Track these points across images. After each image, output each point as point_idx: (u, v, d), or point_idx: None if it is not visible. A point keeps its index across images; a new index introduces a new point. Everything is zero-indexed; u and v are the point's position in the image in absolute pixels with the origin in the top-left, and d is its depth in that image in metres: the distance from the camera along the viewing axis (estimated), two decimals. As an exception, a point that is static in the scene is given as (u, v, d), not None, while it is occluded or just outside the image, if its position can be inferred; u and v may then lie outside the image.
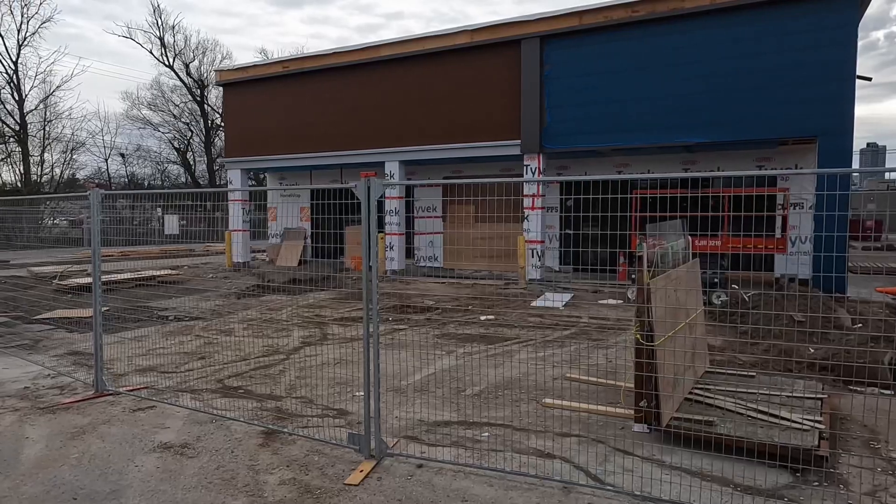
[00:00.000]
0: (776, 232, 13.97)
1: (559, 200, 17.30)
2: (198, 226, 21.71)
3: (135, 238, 9.47)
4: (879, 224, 35.70)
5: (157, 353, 8.12)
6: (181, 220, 26.62)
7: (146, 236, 18.54)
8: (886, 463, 4.46)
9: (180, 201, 15.96)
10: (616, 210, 4.87)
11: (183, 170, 49.67)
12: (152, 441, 4.93)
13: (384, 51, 17.47)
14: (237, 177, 20.81)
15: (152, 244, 24.27)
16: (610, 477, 4.23)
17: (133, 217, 13.97)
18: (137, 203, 13.57)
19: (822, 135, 12.32)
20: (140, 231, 16.80)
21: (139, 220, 17.56)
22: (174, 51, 45.30)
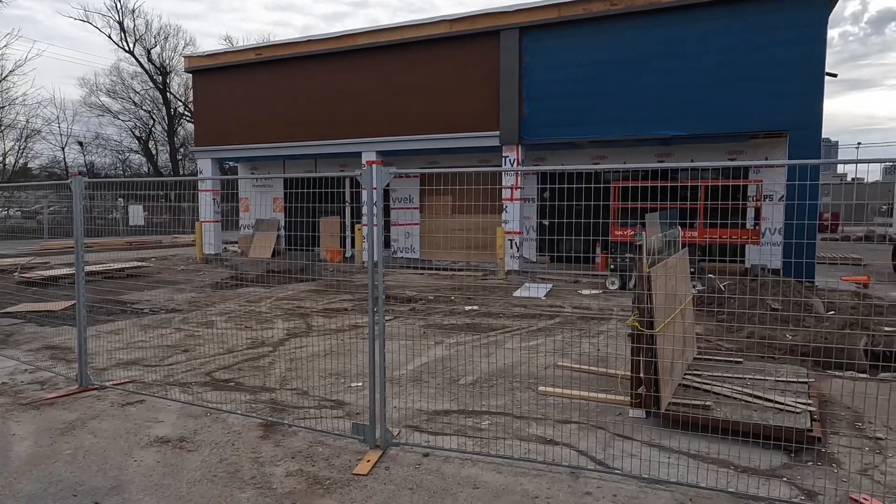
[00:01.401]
0: (748, 223, 14.37)
1: (537, 191, 17.43)
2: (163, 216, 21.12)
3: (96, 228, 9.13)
4: (837, 216, 37.11)
5: (137, 346, 7.89)
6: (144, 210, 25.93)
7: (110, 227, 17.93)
8: (873, 442, 4.66)
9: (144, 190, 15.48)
10: (593, 200, 4.97)
11: (145, 159, 48.20)
12: (147, 435, 4.80)
13: (361, 39, 17.24)
14: (207, 166, 20.30)
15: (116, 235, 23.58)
16: (615, 461, 4.31)
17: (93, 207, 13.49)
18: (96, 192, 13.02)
19: (793, 129, 12.71)
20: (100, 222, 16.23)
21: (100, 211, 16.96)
22: (134, 36, 43.81)
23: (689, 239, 12.03)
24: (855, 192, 43.18)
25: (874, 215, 37.67)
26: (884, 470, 4.19)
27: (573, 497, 3.81)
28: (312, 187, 15.86)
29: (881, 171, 54.91)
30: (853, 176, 53.83)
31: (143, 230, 25.58)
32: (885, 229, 32.42)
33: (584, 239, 13.73)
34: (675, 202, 12.09)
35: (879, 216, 39.33)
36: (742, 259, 14.60)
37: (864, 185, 45.34)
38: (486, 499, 3.80)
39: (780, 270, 12.59)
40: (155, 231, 25.54)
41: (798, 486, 3.95)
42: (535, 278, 14.23)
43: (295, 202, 20.46)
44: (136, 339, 8.25)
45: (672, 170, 14.93)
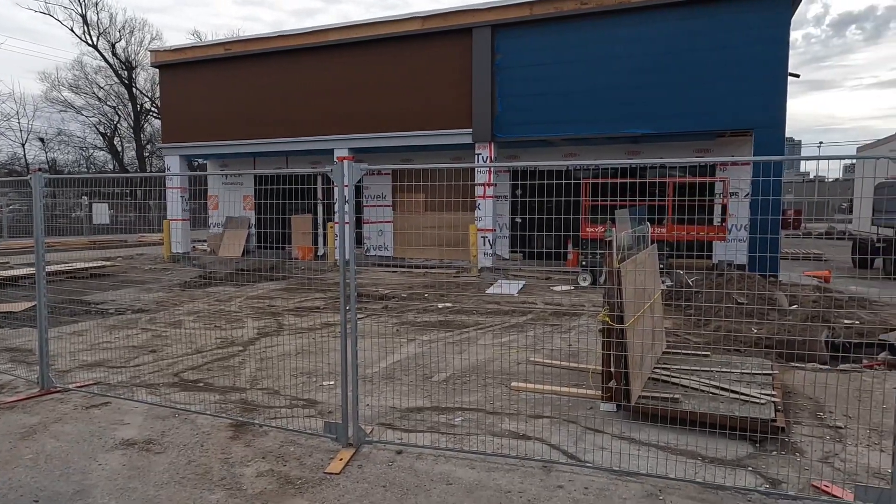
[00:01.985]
0: (715, 219, 14.68)
1: (509, 189, 17.51)
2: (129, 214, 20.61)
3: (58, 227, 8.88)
4: (799, 213, 38.15)
5: (101, 347, 7.69)
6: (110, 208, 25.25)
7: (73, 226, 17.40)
8: (833, 431, 4.80)
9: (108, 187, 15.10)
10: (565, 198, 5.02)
11: (110, 156, 46.93)
12: (113, 438, 4.68)
13: (333, 35, 17.07)
14: (175, 163, 19.87)
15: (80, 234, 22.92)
16: (586, 454, 4.36)
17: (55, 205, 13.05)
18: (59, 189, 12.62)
19: (757, 127, 13.02)
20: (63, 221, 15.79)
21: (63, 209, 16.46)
22: (98, 29, 42.59)
23: (658, 235, 12.24)
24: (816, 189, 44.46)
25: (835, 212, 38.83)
26: (843, 458, 4.33)
27: (545, 491, 3.84)
28: (284, 184, 15.68)
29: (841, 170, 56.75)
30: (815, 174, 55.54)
31: (109, 229, 24.94)
32: (845, 226, 33.47)
33: (556, 236, 13.89)
34: (644, 199, 12.29)
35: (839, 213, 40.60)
36: (709, 254, 14.92)
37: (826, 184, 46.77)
38: (460, 495, 3.80)
39: (746, 265, 12.91)
40: (121, 230, 24.91)
41: (763, 475, 4.05)
42: (508, 275, 14.31)
43: (266, 199, 20.18)
44: (100, 341, 8.03)
45: (642, 167, 15.15)
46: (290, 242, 19.26)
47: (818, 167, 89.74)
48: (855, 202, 30.93)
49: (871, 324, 8.13)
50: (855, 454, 4.38)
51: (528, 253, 16.97)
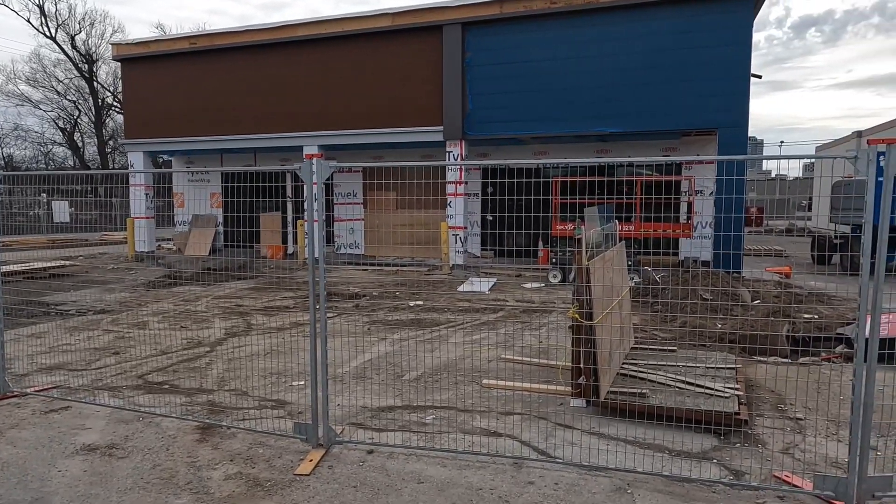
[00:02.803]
0: (681, 217, 14.98)
1: (481, 186, 17.56)
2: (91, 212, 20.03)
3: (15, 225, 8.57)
4: (761, 210, 39.19)
5: (61, 350, 7.45)
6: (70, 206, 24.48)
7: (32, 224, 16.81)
8: (794, 423, 4.95)
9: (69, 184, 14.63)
10: (536, 196, 5.06)
11: (70, 152, 45.48)
12: (73, 443, 4.54)
13: (302, 30, 16.84)
14: (139, 160, 19.37)
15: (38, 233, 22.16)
16: (556, 450, 4.40)
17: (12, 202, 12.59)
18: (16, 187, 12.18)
19: (722, 127, 13.32)
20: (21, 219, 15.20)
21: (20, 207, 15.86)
22: (56, 21, 41.20)
23: (626, 233, 12.43)
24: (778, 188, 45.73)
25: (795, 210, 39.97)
26: (803, 448, 4.47)
27: (516, 487, 3.87)
28: (252, 182, 15.40)
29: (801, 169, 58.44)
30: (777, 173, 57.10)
31: (69, 227, 24.18)
32: (805, 223, 34.51)
33: (527, 233, 13.99)
34: (612, 197, 12.46)
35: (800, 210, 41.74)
36: (676, 251, 15.21)
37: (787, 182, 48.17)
38: (431, 493, 3.80)
39: (711, 262, 13.20)
40: (82, 228, 24.17)
41: (727, 467, 4.15)
42: (480, 273, 14.35)
43: (234, 197, 19.81)
44: (60, 343, 7.79)
45: (610, 165, 15.36)
46: (258, 241, 18.96)
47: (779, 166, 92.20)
48: (814, 200, 31.90)
49: (829, 318, 8.41)
50: (814, 445, 4.52)
51: (500, 250, 17.06)
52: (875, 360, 3.51)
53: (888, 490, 3.57)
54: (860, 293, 3.47)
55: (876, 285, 3.47)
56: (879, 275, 3.46)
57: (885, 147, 3.33)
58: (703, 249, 14.34)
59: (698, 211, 14.97)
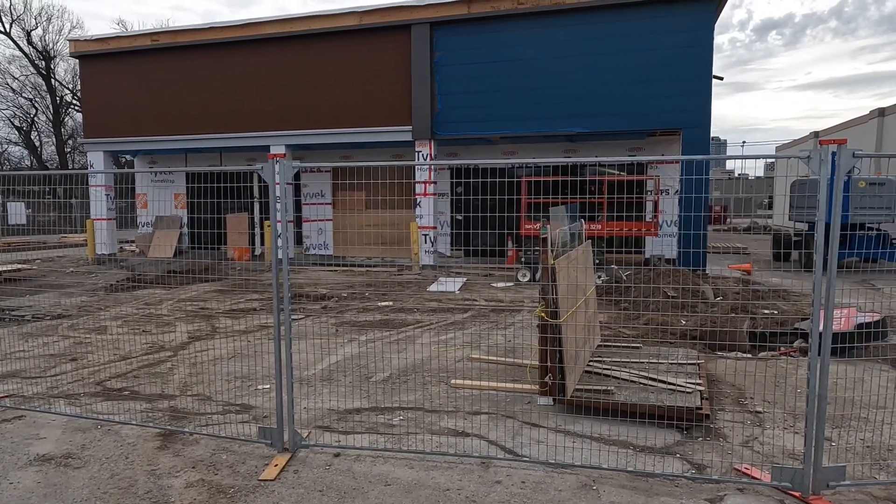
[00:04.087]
0: (647, 216, 15.24)
1: (449, 185, 17.57)
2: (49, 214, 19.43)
3: None
4: (725, 209, 40.28)
5: (15, 357, 7.18)
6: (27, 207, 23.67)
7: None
8: (754, 416, 5.08)
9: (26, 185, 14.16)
10: (505, 195, 5.07)
11: (27, 152, 43.96)
12: (26, 454, 4.38)
13: (267, 28, 16.60)
14: (99, 159, 18.81)
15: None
16: (523, 449, 4.42)
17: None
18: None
19: (685, 127, 13.60)
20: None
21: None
22: (11, 15, 39.77)
23: (592, 232, 12.58)
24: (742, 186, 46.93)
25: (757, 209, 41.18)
26: (763, 441, 4.58)
27: (483, 486, 3.87)
28: (218, 182, 15.09)
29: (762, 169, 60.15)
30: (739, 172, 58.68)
31: (26, 229, 23.35)
32: (765, 221, 35.55)
33: (496, 233, 14.05)
34: (580, 196, 12.60)
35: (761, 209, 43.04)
36: (642, 250, 15.47)
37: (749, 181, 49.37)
38: (398, 495, 3.77)
39: (676, 260, 13.47)
40: (40, 230, 23.37)
41: (689, 461, 4.23)
42: (449, 272, 14.36)
43: (199, 198, 19.41)
44: (14, 350, 7.50)
45: (578, 165, 15.54)
46: (224, 242, 18.61)
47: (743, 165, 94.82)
48: (775, 199, 32.89)
49: (788, 314, 8.66)
50: (772, 437, 4.64)
51: (469, 250, 17.11)
52: (828, 353, 3.62)
53: (842, 479, 3.69)
54: (813, 289, 3.57)
55: (829, 281, 3.58)
56: (831, 271, 3.57)
57: (836, 148, 3.44)
58: (668, 248, 14.62)
59: (663, 210, 15.27)
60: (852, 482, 3.78)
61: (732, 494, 3.77)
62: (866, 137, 23.42)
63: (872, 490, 3.80)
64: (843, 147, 3.43)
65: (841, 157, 3.45)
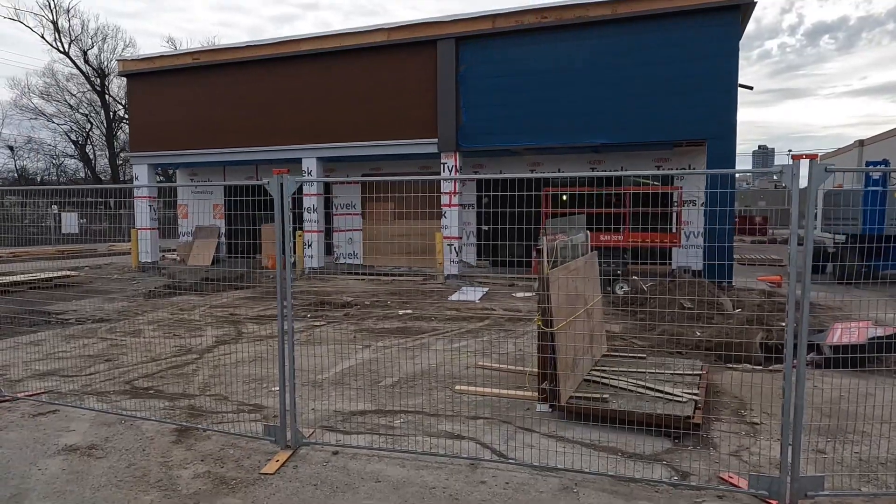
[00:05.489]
0: (671, 227, 15.12)
1: (476, 197, 17.79)
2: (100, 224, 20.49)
3: (25, 237, 8.93)
4: (766, 219, 39.18)
5: (56, 357, 7.73)
6: (81, 217, 24.94)
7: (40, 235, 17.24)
8: (749, 427, 5.10)
9: (80, 198, 15.05)
10: (529, 206, 5.24)
11: (82, 164, 46.31)
12: (56, 444, 4.79)
13: (301, 46, 17.25)
14: (143, 172, 19.81)
15: (47, 244, 22.62)
16: (514, 452, 4.58)
17: (24, 215, 12.99)
18: (28, 199, 12.68)
19: (710, 138, 13.48)
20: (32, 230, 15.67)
21: (31, 219, 16.32)
22: (70, 36, 42.11)
23: (616, 243, 12.58)
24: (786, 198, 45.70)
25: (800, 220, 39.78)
26: (753, 451, 4.62)
27: (468, 486, 4.06)
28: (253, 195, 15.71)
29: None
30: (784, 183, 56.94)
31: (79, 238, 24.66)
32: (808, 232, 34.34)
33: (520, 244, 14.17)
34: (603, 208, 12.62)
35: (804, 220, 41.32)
36: (668, 262, 15.32)
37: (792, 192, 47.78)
38: (386, 491, 4.00)
39: (703, 272, 13.31)
40: (91, 239, 24.64)
41: (675, 468, 4.31)
42: (474, 282, 14.55)
43: (236, 209, 20.18)
44: (56, 350, 8.07)
45: (606, 177, 15.53)
46: (260, 251, 19.28)
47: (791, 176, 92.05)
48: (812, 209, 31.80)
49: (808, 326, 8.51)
50: (765, 448, 4.67)
51: (494, 260, 17.25)
52: (804, 363, 3.68)
53: (820, 489, 3.73)
54: (787, 302, 3.65)
55: (804, 291, 3.65)
56: (806, 282, 3.64)
57: (808, 162, 3.53)
58: (695, 259, 14.46)
59: (688, 221, 15.11)
60: (831, 492, 3.81)
61: (711, 501, 3.85)
62: (912, 146, 22.57)
63: (853, 501, 3.82)
64: (814, 161, 3.52)
65: (813, 172, 3.54)
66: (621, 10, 13.89)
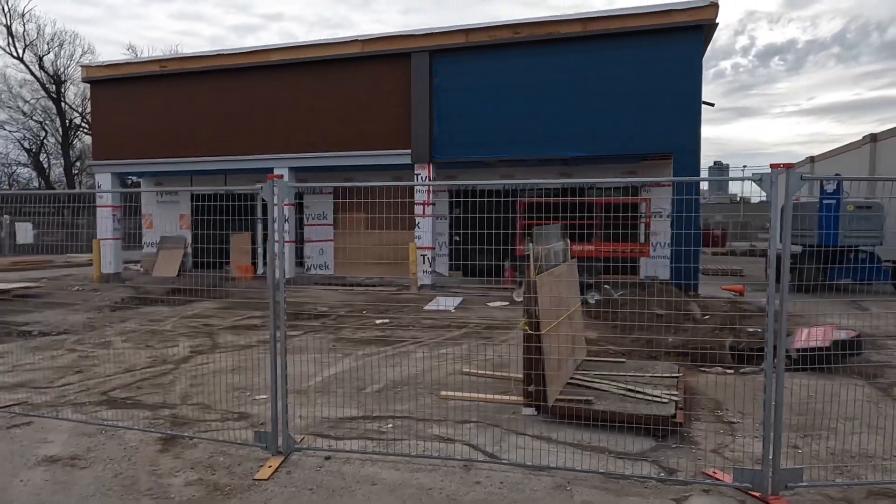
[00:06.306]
0: (640, 238, 15.56)
1: (448, 206, 17.92)
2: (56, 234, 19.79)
3: None
4: (725, 233, 40.61)
5: (24, 369, 7.47)
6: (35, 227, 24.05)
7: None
8: (727, 426, 5.32)
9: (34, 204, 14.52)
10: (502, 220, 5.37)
11: (35, 173, 44.69)
12: (35, 456, 4.65)
13: (273, 55, 17.17)
14: (107, 181, 19.26)
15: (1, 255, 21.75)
16: (505, 454, 4.66)
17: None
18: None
19: (676, 152, 13.98)
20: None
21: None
22: (24, 41, 40.77)
23: (587, 253, 12.86)
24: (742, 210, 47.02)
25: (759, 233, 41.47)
26: (733, 448, 4.82)
27: (464, 486, 4.12)
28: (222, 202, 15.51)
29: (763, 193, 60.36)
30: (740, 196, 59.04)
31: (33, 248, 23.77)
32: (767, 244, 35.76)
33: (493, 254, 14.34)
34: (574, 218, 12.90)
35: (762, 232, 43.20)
36: (637, 271, 15.74)
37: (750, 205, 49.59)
38: (383, 494, 4.02)
39: (671, 279, 13.70)
40: (47, 250, 23.78)
41: (661, 465, 4.47)
42: (447, 292, 14.63)
43: (203, 217, 19.80)
44: (23, 362, 7.79)
45: (575, 187, 15.88)
46: (228, 262, 18.95)
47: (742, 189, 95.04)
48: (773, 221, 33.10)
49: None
50: (743, 445, 4.88)
51: (468, 270, 17.39)
52: (783, 362, 3.89)
53: (799, 481, 3.93)
54: (767, 307, 3.86)
55: (781, 297, 3.86)
56: (784, 290, 3.85)
57: (784, 171, 3.76)
58: (662, 268, 14.89)
59: (655, 232, 15.56)
60: (809, 483, 4.02)
61: (698, 495, 4.01)
62: (860, 162, 23.79)
63: (829, 492, 4.04)
64: (790, 170, 3.75)
65: (789, 180, 3.77)
66: (591, 27, 14.35)
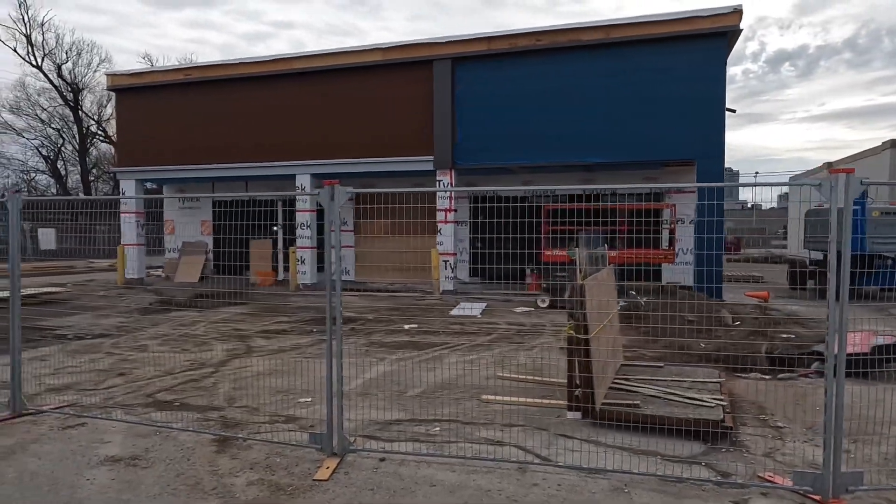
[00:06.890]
0: (663, 244, 15.54)
1: (469, 212, 18.00)
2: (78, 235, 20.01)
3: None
4: (739, 241, 40.42)
5: (67, 371, 7.60)
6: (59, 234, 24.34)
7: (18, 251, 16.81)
8: (775, 430, 5.32)
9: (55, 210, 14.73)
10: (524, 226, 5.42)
11: (53, 180, 45.27)
12: (96, 455, 4.74)
13: (295, 64, 17.38)
14: (131, 187, 19.54)
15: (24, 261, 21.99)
16: (557, 457, 4.70)
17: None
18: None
19: (700, 158, 13.99)
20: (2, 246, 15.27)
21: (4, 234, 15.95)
22: (43, 50, 41.40)
23: (611, 259, 12.86)
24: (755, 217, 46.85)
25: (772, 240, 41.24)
26: (784, 452, 4.83)
27: (522, 488, 4.16)
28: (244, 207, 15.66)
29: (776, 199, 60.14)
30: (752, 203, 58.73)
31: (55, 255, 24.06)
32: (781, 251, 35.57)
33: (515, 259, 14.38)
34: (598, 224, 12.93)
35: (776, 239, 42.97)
36: (660, 277, 15.71)
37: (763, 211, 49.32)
38: (443, 495, 4.07)
39: (693, 286, 13.68)
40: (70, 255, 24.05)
41: (715, 469, 4.49)
42: (470, 297, 14.68)
43: (225, 223, 19.97)
44: (64, 365, 7.92)
45: (597, 194, 15.91)
46: (248, 268, 19.11)
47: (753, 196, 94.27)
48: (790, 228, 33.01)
49: (805, 338, 8.87)
50: (793, 449, 4.89)
51: (487, 275, 17.44)
52: (843, 366, 3.91)
53: (860, 484, 3.94)
54: (829, 315, 3.88)
55: (841, 306, 3.89)
56: (844, 297, 3.88)
57: (846, 176, 3.79)
58: (683, 274, 14.87)
59: (679, 238, 15.55)
60: (870, 487, 4.02)
61: (756, 498, 4.03)
62: (879, 168, 23.65)
63: (889, 495, 4.04)
64: (851, 175, 3.79)
65: (850, 185, 3.81)
66: (614, 34, 14.44)
